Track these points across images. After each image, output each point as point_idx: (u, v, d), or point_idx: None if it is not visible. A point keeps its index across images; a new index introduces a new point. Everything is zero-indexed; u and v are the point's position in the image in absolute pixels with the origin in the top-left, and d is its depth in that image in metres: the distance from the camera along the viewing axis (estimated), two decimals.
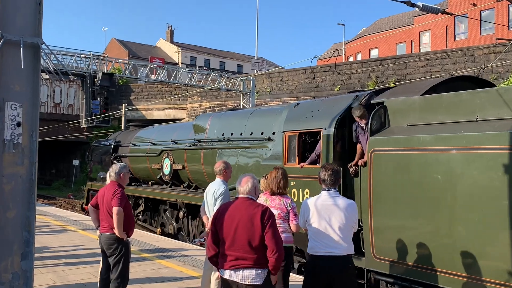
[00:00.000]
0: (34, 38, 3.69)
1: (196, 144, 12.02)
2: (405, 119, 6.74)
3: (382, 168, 6.54)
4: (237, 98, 30.52)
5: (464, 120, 5.98)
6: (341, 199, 4.54)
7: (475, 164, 5.47)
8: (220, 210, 4.23)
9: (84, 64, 24.45)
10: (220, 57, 67.46)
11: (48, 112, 37.56)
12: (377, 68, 25.20)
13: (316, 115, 8.26)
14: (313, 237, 4.50)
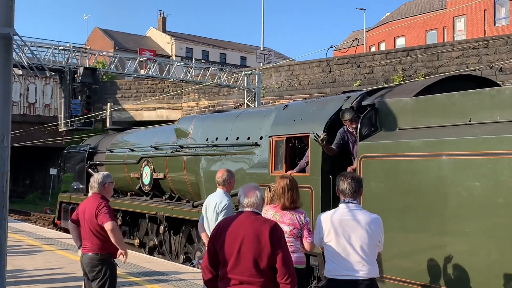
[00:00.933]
0: (5, 28, 3.73)
1: (178, 150, 12.23)
2: (397, 123, 7.14)
3: (373, 176, 6.90)
4: (240, 95, 30.60)
5: (456, 123, 6.40)
6: (363, 213, 4.53)
7: (466, 170, 5.91)
8: (220, 226, 4.20)
9: (62, 57, 24.60)
10: (220, 48, 67.68)
11: (21, 114, 37.80)
12: (404, 60, 25.19)
13: (305, 118, 8.60)
14: (330, 258, 4.49)
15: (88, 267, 5.86)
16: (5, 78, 3.79)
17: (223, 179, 6.44)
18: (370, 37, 47.41)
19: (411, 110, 7.03)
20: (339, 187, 4.63)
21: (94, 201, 5.87)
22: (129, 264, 10.63)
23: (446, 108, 6.63)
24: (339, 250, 4.43)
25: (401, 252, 6.49)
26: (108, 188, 6.09)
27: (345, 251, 4.41)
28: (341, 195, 4.61)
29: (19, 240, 14.10)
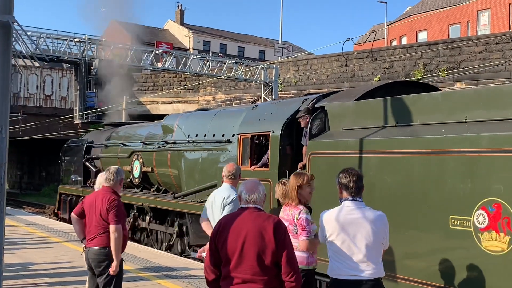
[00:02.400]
0: (4, 16, 3.67)
1: (164, 145, 13.27)
2: (341, 123, 8.08)
3: (318, 172, 7.64)
4: (257, 89, 30.50)
5: (386, 125, 7.34)
6: (368, 210, 4.42)
7: (390, 167, 6.81)
8: (222, 224, 4.12)
9: (78, 49, 24.71)
10: (238, 42, 67.56)
11: (38, 106, 38.13)
12: (426, 54, 24.87)
13: (268, 118, 9.58)
14: (334, 257, 4.38)
15: (95, 262, 5.82)
16: (4, 67, 3.73)
17: (232, 173, 6.35)
18: (391, 31, 46.93)
19: (352, 113, 7.99)
20: (342, 184, 4.47)
21: (107, 194, 5.80)
22: (140, 259, 10.66)
23: (379, 111, 7.53)
24: (344, 249, 4.31)
25: None
26: (121, 184, 6.07)
27: (349, 250, 4.30)
28: (344, 192, 4.46)
29: (31, 232, 14.20)
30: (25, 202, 34.12)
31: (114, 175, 5.90)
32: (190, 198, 11.98)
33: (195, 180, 11.95)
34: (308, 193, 5.57)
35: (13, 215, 18.48)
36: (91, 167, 17.65)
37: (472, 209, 5.79)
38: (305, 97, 9.53)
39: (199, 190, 11.65)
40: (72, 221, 6.21)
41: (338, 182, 4.52)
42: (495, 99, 6.29)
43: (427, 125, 6.74)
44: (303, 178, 5.53)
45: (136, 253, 11.33)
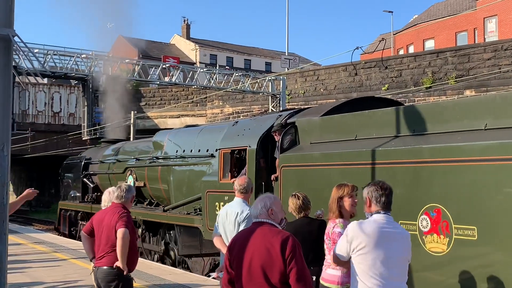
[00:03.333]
0: (4, 29, 3.53)
1: (155, 161, 13.96)
2: (309, 138, 8.71)
3: (289, 183, 8.43)
4: (265, 101, 30.39)
5: (346, 139, 7.96)
6: (399, 225, 4.25)
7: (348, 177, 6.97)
8: (234, 240, 4.01)
9: (85, 66, 24.73)
10: (244, 54, 67.66)
11: (46, 123, 38.20)
12: (434, 62, 24.69)
13: (246, 133, 10.17)
14: (364, 273, 4.05)
15: (103, 282, 5.65)
16: (5, 82, 3.59)
17: (244, 186, 6.17)
18: (398, 40, 46.83)
19: (319, 128, 8.63)
20: (373, 197, 4.18)
21: (116, 210, 5.66)
22: (151, 276, 10.48)
23: (340, 126, 8.29)
24: (377, 264, 4.02)
25: None
26: (132, 201, 5.92)
27: (383, 266, 4.01)
28: (374, 205, 4.19)
29: (40, 250, 14.05)
30: (35, 220, 34.08)
31: (126, 193, 5.76)
32: (178, 210, 12.53)
33: (183, 193, 12.51)
34: (351, 205, 5.19)
35: (22, 233, 18.36)
36: (89, 183, 18.16)
37: (417, 215, 6.35)
38: (279, 113, 10.18)
39: (186, 202, 12.19)
40: (82, 239, 6.05)
41: (367, 195, 4.24)
42: (438, 114, 6.91)
43: (381, 138, 7.39)
44: (343, 189, 5.20)
45: (147, 269, 11.15)
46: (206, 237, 11.04)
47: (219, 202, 10.26)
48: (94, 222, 5.79)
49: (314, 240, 5.68)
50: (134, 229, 5.72)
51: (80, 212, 18.43)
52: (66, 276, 10.45)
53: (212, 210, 10.50)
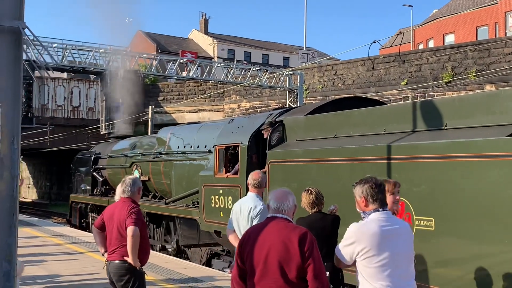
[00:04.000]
0: (14, 21, 3.51)
1: (158, 156, 14.74)
2: (295, 135, 9.35)
3: (276, 177, 9.08)
4: (282, 96, 30.29)
5: (327, 136, 8.56)
6: (400, 220, 4.15)
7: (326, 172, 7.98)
8: (247, 235, 3.93)
9: (103, 60, 24.83)
10: (262, 49, 67.55)
11: (66, 117, 38.49)
12: (453, 57, 24.37)
13: (239, 131, 10.71)
14: (373, 276, 3.91)
15: (116, 276, 5.65)
16: (15, 75, 3.57)
17: (258, 181, 6.11)
18: (417, 34, 46.34)
19: (303, 126, 9.27)
20: (368, 195, 4.01)
21: (125, 205, 5.65)
22: (166, 270, 10.51)
23: (322, 124, 8.90)
24: (386, 265, 3.88)
25: None
26: (140, 192, 5.90)
27: (392, 265, 3.88)
28: (371, 204, 4.02)
29: (57, 243, 14.18)
30: (54, 213, 34.44)
31: (130, 186, 5.74)
32: (178, 203, 13.12)
33: (183, 187, 13.16)
34: (392, 202, 4.83)
35: (41, 226, 18.55)
36: (98, 177, 19.10)
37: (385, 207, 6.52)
38: (270, 112, 10.87)
39: (185, 196, 12.82)
40: (93, 233, 6.06)
41: (362, 193, 4.06)
42: (406, 115, 7.51)
43: (356, 136, 7.99)
44: (385, 186, 4.69)
45: (162, 263, 11.18)
46: (203, 228, 11.48)
47: (214, 195, 10.85)
48: (105, 216, 5.79)
49: (327, 236, 5.63)
50: (144, 223, 5.70)
51: (89, 204, 19.19)
52: (83, 269, 10.52)
53: (208, 203, 11.04)
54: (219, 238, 10.87)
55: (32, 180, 53.63)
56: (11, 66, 3.58)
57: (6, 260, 3.54)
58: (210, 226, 11.09)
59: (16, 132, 3.59)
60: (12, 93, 3.58)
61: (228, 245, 10.49)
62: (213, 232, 10.99)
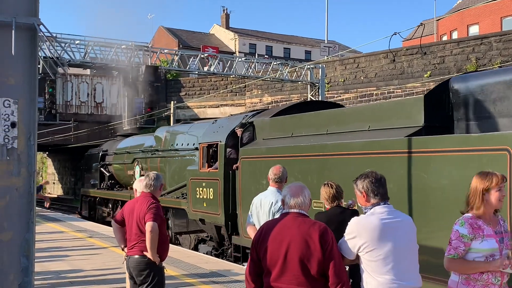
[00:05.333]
0: (29, 18, 3.53)
1: (155, 153, 16.62)
2: (262, 134, 10.71)
3: (246, 171, 10.52)
4: (304, 90, 30.17)
5: (285, 136, 9.95)
6: (402, 213, 4.07)
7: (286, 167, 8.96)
8: (264, 230, 3.88)
9: (125, 56, 24.97)
10: (284, 43, 67.32)
11: (89, 113, 38.82)
12: (477, 48, 24.00)
13: (219, 130, 12.17)
14: (375, 271, 3.86)
15: (135, 270, 5.68)
16: (31, 72, 3.60)
17: (279, 176, 6.06)
18: (441, 26, 45.70)
19: (269, 126, 10.64)
20: (369, 190, 3.94)
21: (145, 200, 5.66)
22: (187, 264, 10.56)
23: (282, 125, 10.26)
24: (388, 259, 3.82)
25: None
26: (161, 189, 5.92)
27: (395, 259, 3.82)
28: (372, 198, 3.95)
29: (81, 238, 14.34)
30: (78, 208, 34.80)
31: (154, 181, 5.74)
32: (171, 195, 14.52)
33: (175, 181, 14.77)
34: (498, 199, 4.08)
35: (65, 221, 18.78)
36: (105, 172, 20.92)
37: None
38: (246, 114, 12.34)
39: (176, 188, 14.47)
40: (113, 228, 6.09)
41: (362, 188, 3.99)
42: (340, 118, 9.02)
43: (307, 136, 9.33)
44: (491, 179, 4.06)
45: (184, 258, 11.24)
46: (190, 217, 12.96)
47: (199, 187, 12.34)
48: (125, 212, 5.81)
49: None
50: (163, 219, 5.70)
51: (97, 197, 20.98)
52: (105, 264, 10.61)
53: (194, 194, 12.59)
54: (203, 225, 12.45)
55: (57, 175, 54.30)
56: (27, 62, 3.60)
57: (24, 256, 3.57)
58: (196, 215, 12.54)
59: (32, 129, 3.61)
60: (28, 89, 3.60)
61: (211, 232, 12.27)
62: (198, 220, 12.49)
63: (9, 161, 3.51)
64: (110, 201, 19.87)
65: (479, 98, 7.03)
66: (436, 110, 7.44)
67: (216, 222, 11.75)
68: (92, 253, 11.91)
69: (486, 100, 6.93)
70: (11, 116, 3.53)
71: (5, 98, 3.52)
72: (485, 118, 6.98)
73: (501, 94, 6.74)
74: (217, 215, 11.64)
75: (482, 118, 7.02)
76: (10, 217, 3.52)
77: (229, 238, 11.47)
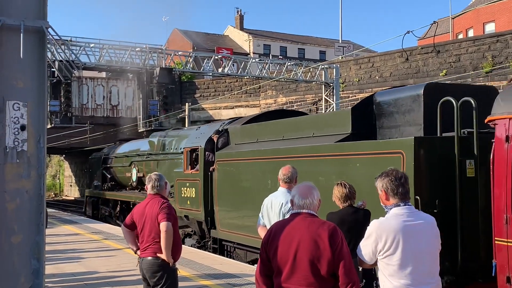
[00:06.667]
0: (38, 21, 3.55)
1: (149, 156, 18.40)
2: (235, 140, 12.09)
3: (221, 172, 11.90)
4: (318, 90, 30.08)
5: (251, 141, 11.32)
6: (424, 214, 3.98)
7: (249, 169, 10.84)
8: (273, 231, 3.85)
9: (140, 59, 25.08)
10: (298, 44, 67.20)
11: (105, 116, 39.01)
12: (493, 46, 23.74)
13: (200, 136, 13.69)
14: (395, 273, 3.79)
15: (149, 272, 5.67)
16: (40, 75, 3.62)
17: (288, 176, 6.00)
18: (456, 24, 45.30)
19: (240, 133, 11.99)
20: (388, 189, 3.86)
21: (155, 201, 5.67)
22: (202, 266, 10.55)
23: (250, 132, 11.56)
24: (409, 262, 3.74)
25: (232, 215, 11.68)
26: (167, 188, 5.90)
27: (415, 262, 3.74)
28: (392, 198, 3.87)
29: (96, 240, 14.41)
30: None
31: (157, 182, 5.76)
32: None
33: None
34: None
35: (81, 223, 18.91)
36: (107, 174, 22.72)
37: None
38: (223, 122, 13.81)
39: None
40: (123, 233, 6.10)
41: (382, 187, 3.90)
42: (294, 126, 10.38)
43: (268, 141, 10.65)
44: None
45: (199, 259, 11.24)
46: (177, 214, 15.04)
47: (184, 187, 13.67)
48: (134, 215, 5.81)
49: (360, 229, 5.52)
50: (176, 219, 5.70)
51: (100, 198, 22.79)
52: (120, 266, 10.64)
53: (180, 193, 13.91)
54: (188, 221, 13.80)
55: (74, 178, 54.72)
56: (36, 65, 3.62)
57: (35, 258, 3.59)
58: (182, 212, 13.63)
59: (42, 131, 3.63)
60: (37, 92, 3.63)
61: (194, 227, 13.60)
62: (184, 216, 13.66)
63: (19, 163, 3.54)
64: (110, 201, 21.68)
65: (394, 110, 8.36)
66: (362, 120, 8.75)
67: (198, 218, 13.20)
68: (108, 255, 11.96)
69: (399, 111, 8.24)
70: (20, 119, 3.56)
71: (14, 101, 3.55)
72: (398, 126, 8.29)
73: (408, 106, 8.03)
74: (198, 212, 13.05)
75: (396, 126, 8.34)
76: (21, 219, 3.54)
77: (209, 232, 12.79)
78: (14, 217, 3.52)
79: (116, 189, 21.72)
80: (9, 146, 3.52)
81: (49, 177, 57.42)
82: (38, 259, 3.59)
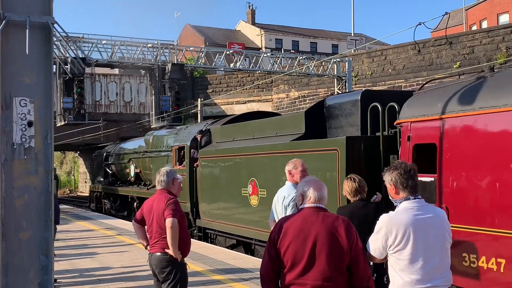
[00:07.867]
0: (43, 17, 3.54)
1: (144, 154, 19.87)
2: (216, 139, 13.42)
3: (204, 168, 13.31)
4: (331, 84, 29.94)
5: (227, 140, 12.72)
6: (434, 207, 3.93)
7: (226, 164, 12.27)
8: (283, 226, 3.74)
9: (151, 55, 25.11)
10: (310, 38, 66.92)
11: (118, 112, 39.15)
12: (508, 37, 23.44)
13: (187, 135, 15.36)
14: (405, 268, 3.72)
15: (158, 268, 5.66)
16: (46, 71, 3.61)
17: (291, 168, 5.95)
18: (470, 15, 44.86)
19: (220, 132, 13.34)
20: (398, 182, 3.79)
21: (162, 197, 5.63)
22: (215, 260, 10.57)
23: (228, 132, 12.94)
24: (419, 257, 3.68)
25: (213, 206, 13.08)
26: (176, 184, 5.84)
27: (425, 257, 3.68)
28: (402, 192, 3.80)
29: (110, 236, 14.49)
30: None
31: (165, 177, 5.72)
32: (153, 188, 15.78)
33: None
34: None
35: (96, 219, 19.02)
36: (108, 170, 24.61)
37: (247, 184, 11.15)
38: (207, 122, 15.49)
39: None
40: (134, 228, 6.10)
41: (391, 181, 3.83)
42: (261, 126, 11.73)
43: (242, 140, 11.97)
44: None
45: (212, 254, 11.26)
46: None
47: None
48: (144, 210, 5.80)
49: (371, 223, 5.46)
50: (183, 214, 5.65)
51: (102, 192, 24.74)
52: (133, 261, 10.69)
53: None
54: None
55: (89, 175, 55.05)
56: (42, 61, 3.61)
57: (44, 254, 3.59)
58: None
59: (49, 127, 3.62)
60: (44, 88, 3.61)
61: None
62: None
63: (26, 160, 3.53)
64: (111, 195, 23.55)
65: (339, 113, 9.58)
66: (315, 121, 9.97)
67: (185, 209, 14.64)
68: (121, 250, 12.03)
69: (343, 114, 9.46)
70: (27, 115, 3.55)
71: (21, 98, 3.54)
72: (342, 126, 9.49)
73: (349, 110, 9.26)
74: (185, 204, 14.09)
75: (341, 127, 9.53)
76: (29, 216, 3.54)
77: (195, 222, 14.09)
78: (22, 213, 3.51)
79: (117, 184, 23.59)
80: (16, 142, 3.51)
81: (64, 173, 57.84)
82: (46, 255, 3.58)
